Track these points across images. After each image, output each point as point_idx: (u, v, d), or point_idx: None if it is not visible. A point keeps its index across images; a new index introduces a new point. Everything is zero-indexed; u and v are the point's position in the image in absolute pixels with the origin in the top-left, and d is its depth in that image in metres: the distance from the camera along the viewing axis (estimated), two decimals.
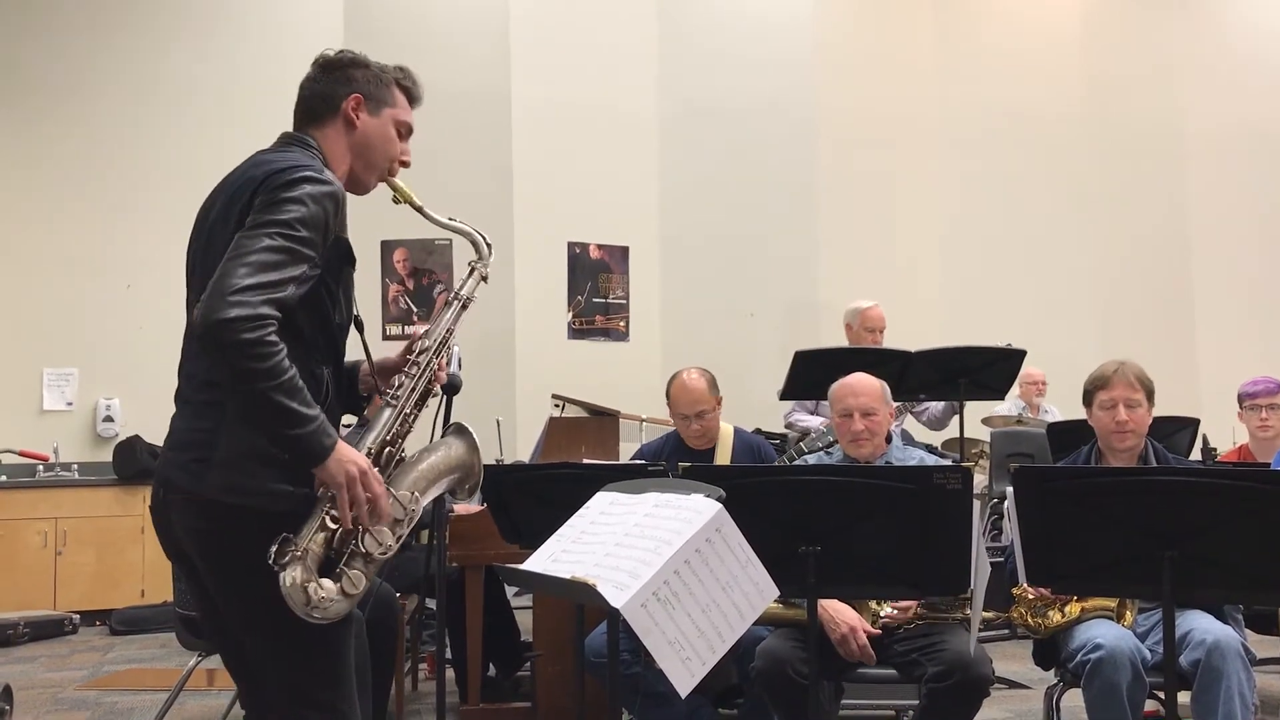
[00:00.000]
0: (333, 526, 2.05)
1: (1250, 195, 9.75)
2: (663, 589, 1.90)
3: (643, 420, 6.98)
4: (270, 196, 2.04)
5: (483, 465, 2.34)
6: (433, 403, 2.41)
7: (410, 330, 2.39)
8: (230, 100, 7.80)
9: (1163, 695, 2.84)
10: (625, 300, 8.80)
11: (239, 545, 2.04)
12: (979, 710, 3.11)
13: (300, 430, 1.97)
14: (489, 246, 2.49)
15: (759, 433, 5.08)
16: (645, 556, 1.95)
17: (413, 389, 2.28)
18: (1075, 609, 3.20)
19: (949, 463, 4.72)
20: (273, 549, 2.00)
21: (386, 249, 8.19)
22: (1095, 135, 9.70)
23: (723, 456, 4.15)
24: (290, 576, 1.99)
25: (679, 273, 8.91)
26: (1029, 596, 3.27)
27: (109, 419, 7.67)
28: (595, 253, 8.72)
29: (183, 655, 4.49)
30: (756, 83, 9.13)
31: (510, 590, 4.70)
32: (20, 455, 7.13)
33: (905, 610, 3.27)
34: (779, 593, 2.07)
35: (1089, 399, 3.48)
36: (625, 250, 8.81)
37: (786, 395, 5.51)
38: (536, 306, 8.50)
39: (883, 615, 3.29)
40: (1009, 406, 7.65)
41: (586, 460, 4.37)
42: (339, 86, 2.29)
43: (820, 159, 9.26)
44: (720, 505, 2.00)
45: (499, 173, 8.49)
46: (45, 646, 6.48)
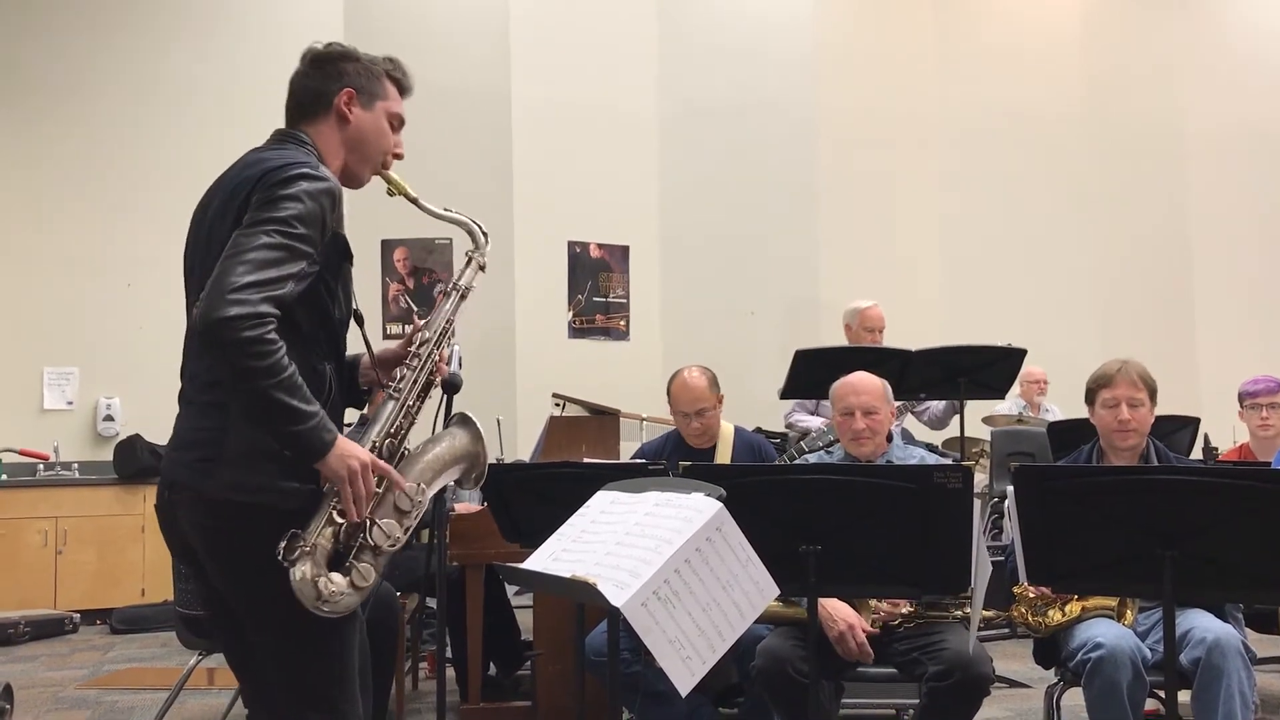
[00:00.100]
0: (340, 521, 2.05)
1: (1250, 195, 9.74)
2: (663, 588, 1.90)
3: (643, 419, 6.97)
4: (267, 194, 2.04)
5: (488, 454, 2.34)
6: (433, 402, 2.41)
7: (411, 329, 2.38)
8: (230, 100, 7.80)
9: (1163, 694, 2.84)
10: (625, 299, 8.80)
11: (247, 543, 2.04)
12: (979, 709, 3.10)
13: (300, 427, 1.97)
14: (485, 236, 2.48)
15: (759, 432, 5.08)
16: (646, 555, 1.95)
17: (415, 381, 2.28)
18: (1076, 608, 3.20)
19: (949, 462, 4.71)
20: (281, 545, 2.00)
21: (387, 248, 8.19)
22: (1095, 135, 9.70)
23: (723, 456, 4.15)
24: (300, 571, 2.00)
25: (679, 272, 8.91)
26: (1029, 595, 3.26)
27: (109, 418, 7.68)
28: (595, 252, 8.72)
29: (183, 654, 4.48)
30: (756, 82, 9.13)
31: (511, 589, 4.70)
32: (21, 454, 7.16)
33: (896, 605, 3.27)
34: (779, 592, 2.07)
35: (1091, 397, 3.47)
36: (625, 249, 8.81)
37: (787, 394, 5.51)
38: (537, 306, 8.51)
39: (874, 612, 3.28)
40: (1009, 405, 7.64)
41: (587, 459, 4.37)
42: (330, 81, 2.27)
43: (820, 159, 9.26)
44: (721, 504, 2.00)
45: (499, 172, 8.49)
46: (46, 645, 6.47)
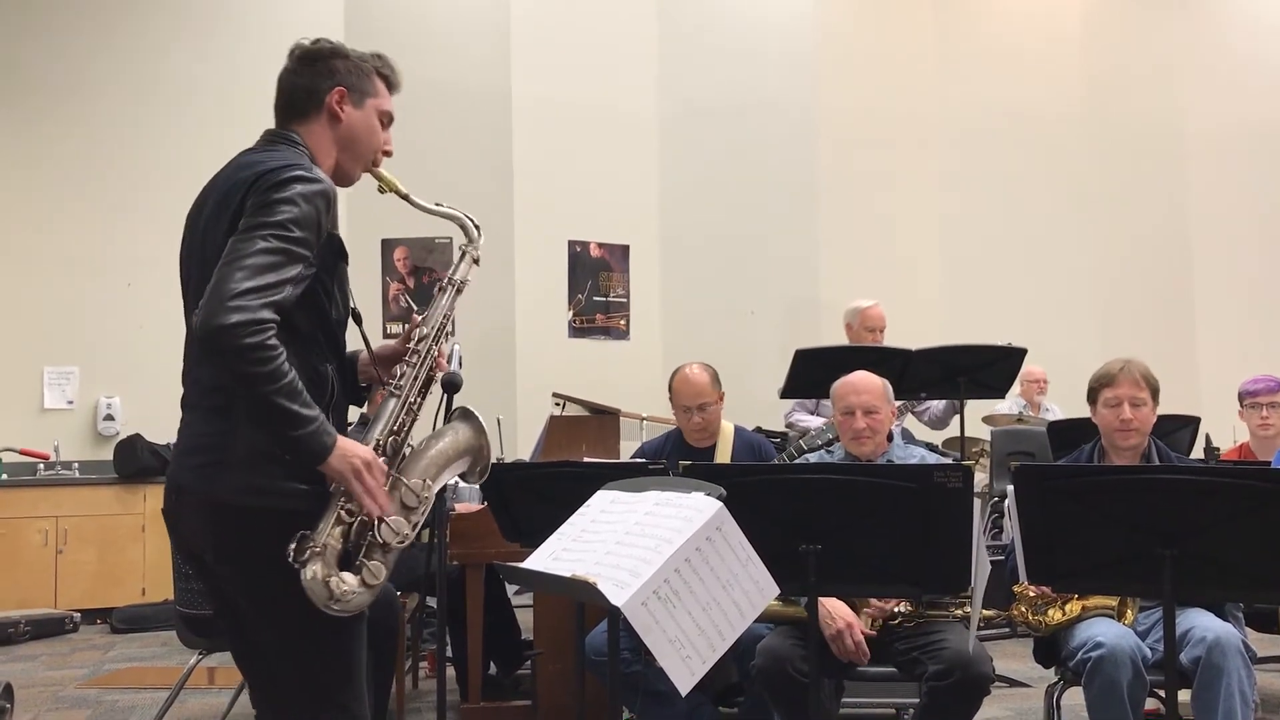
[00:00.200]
0: (349, 520, 2.06)
1: (1250, 195, 9.73)
2: (663, 587, 1.90)
3: (643, 419, 6.97)
4: (262, 198, 2.03)
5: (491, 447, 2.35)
6: (434, 402, 2.41)
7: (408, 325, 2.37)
8: (230, 100, 7.79)
9: (1163, 693, 2.84)
10: (626, 299, 8.80)
11: (254, 545, 2.05)
12: (979, 708, 3.11)
13: (301, 431, 1.98)
14: (478, 229, 2.47)
15: (759, 432, 5.08)
16: (646, 555, 1.95)
17: (415, 377, 2.28)
18: (1076, 607, 3.20)
19: (950, 461, 4.71)
20: (291, 546, 2.01)
21: (387, 248, 8.19)
22: (1095, 135, 9.70)
23: (723, 455, 4.15)
24: (311, 571, 2.00)
25: (679, 271, 8.91)
26: (1030, 594, 3.27)
27: (110, 417, 7.68)
28: (596, 251, 8.72)
29: (183, 653, 4.49)
30: (757, 82, 9.13)
31: (511, 588, 4.70)
32: (21, 454, 7.16)
33: (885, 603, 3.27)
34: (779, 591, 2.07)
35: (1094, 396, 3.47)
36: (626, 249, 8.81)
37: (787, 394, 5.51)
38: (537, 305, 8.51)
39: (868, 610, 3.29)
40: (1010, 405, 7.64)
41: (587, 459, 4.37)
42: (321, 79, 2.26)
43: (820, 158, 9.25)
44: (721, 504, 2.00)
45: (499, 172, 8.49)
46: (46, 645, 6.47)
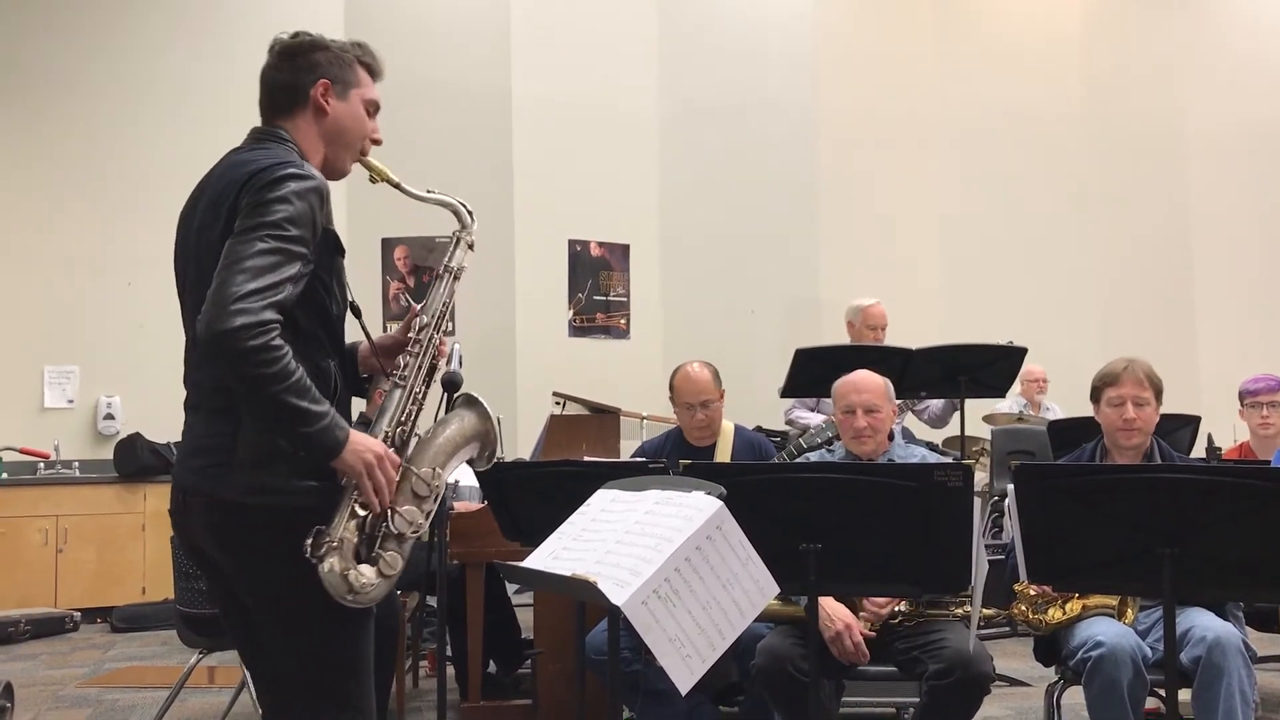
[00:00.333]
0: (363, 513, 2.07)
1: (1250, 195, 9.74)
2: (663, 586, 1.89)
3: (643, 418, 6.97)
4: (256, 198, 2.02)
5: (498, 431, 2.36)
6: (433, 401, 2.41)
7: (408, 315, 2.38)
8: (228, 99, 7.77)
9: (1163, 692, 2.84)
10: (626, 298, 8.80)
11: (263, 544, 2.06)
12: (980, 707, 3.10)
13: (313, 428, 1.99)
14: (471, 215, 2.46)
15: (760, 430, 5.08)
16: (646, 554, 1.95)
17: (418, 367, 2.28)
18: (1076, 606, 3.20)
19: (950, 460, 4.71)
20: (308, 542, 2.02)
21: (387, 246, 8.19)
22: (1095, 135, 9.70)
23: (723, 454, 4.15)
24: (329, 565, 2.01)
25: (679, 270, 8.91)
26: (1030, 593, 3.27)
27: (110, 416, 7.68)
28: (596, 250, 8.72)
29: (184, 653, 4.49)
30: (757, 82, 9.13)
31: (511, 588, 4.70)
32: (21, 453, 7.17)
33: (883, 605, 3.27)
34: (779, 590, 2.07)
35: (1097, 395, 3.47)
36: (626, 248, 8.81)
37: (787, 393, 5.50)
38: (537, 304, 8.51)
39: (864, 614, 3.29)
40: (1010, 404, 7.65)
41: (587, 458, 4.37)
42: (303, 74, 2.24)
43: (820, 159, 9.26)
44: (721, 503, 2.00)
45: (499, 171, 8.49)
46: (46, 644, 6.47)
